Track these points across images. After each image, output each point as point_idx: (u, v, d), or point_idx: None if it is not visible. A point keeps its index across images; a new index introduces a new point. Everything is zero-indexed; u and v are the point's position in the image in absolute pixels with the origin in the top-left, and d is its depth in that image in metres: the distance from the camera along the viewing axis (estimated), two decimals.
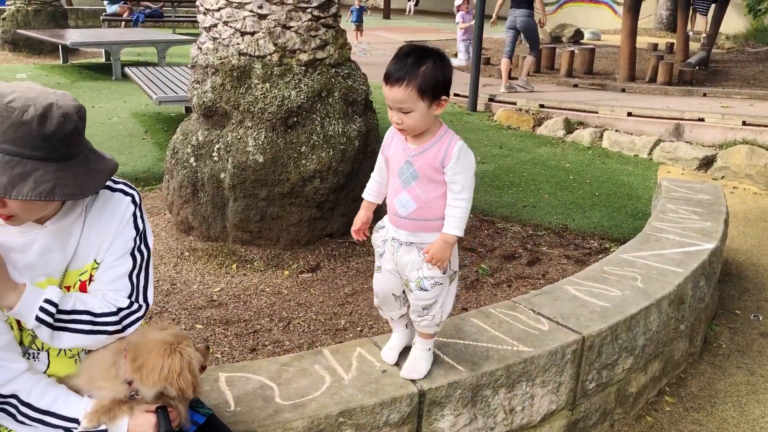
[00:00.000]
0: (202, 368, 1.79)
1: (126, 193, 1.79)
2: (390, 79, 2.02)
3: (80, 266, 1.74)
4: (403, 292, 2.29)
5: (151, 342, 1.70)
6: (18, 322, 1.67)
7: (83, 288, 1.74)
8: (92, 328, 1.67)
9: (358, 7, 16.37)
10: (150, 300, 1.82)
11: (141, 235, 1.79)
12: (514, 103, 9.02)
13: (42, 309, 1.58)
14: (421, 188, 2.12)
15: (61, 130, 1.52)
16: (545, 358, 2.53)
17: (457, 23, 13.28)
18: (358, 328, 3.34)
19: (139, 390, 1.68)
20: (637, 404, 3.13)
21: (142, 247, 1.80)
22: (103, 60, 13.05)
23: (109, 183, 1.77)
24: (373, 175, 2.32)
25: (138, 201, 1.80)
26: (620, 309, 2.88)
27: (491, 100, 9.35)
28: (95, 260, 1.74)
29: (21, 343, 1.72)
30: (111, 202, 1.76)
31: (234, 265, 3.95)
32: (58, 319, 1.62)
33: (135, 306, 1.76)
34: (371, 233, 2.35)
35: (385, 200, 2.30)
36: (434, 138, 2.10)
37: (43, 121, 1.50)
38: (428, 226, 2.14)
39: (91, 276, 1.74)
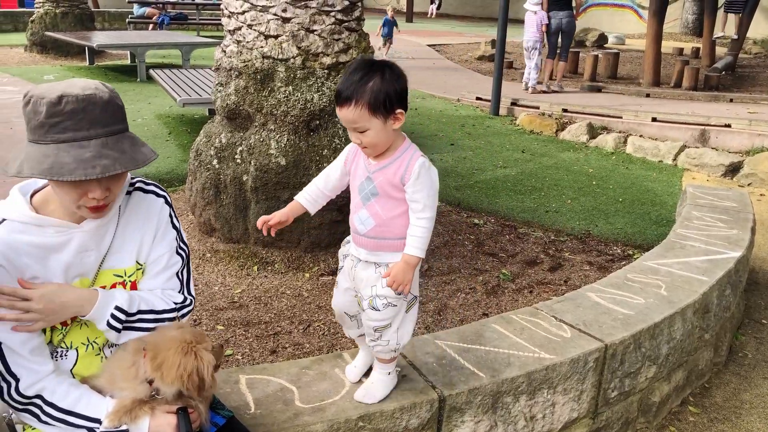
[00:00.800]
0: (216, 367, 1.80)
1: (158, 195, 1.86)
2: (339, 99, 1.92)
3: (116, 266, 1.77)
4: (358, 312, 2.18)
5: (170, 340, 1.71)
6: None
7: (134, 287, 1.81)
8: (155, 325, 1.78)
9: (391, 19, 14.60)
10: (193, 294, 1.94)
11: (179, 234, 1.89)
12: (537, 108, 8.97)
13: (113, 316, 1.69)
14: (380, 205, 2.02)
15: (108, 100, 1.59)
16: (567, 365, 2.50)
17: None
18: None
19: (160, 389, 1.69)
20: (660, 414, 3.09)
21: (183, 245, 1.90)
22: (128, 62, 13.21)
23: (140, 185, 1.84)
24: (316, 180, 2.19)
25: (170, 202, 1.89)
26: (644, 317, 2.84)
27: (514, 104, 9.31)
28: (138, 261, 1.80)
29: (50, 342, 1.74)
30: (145, 204, 1.82)
31: (255, 267, 3.97)
32: (126, 321, 1.72)
33: (187, 300, 1.88)
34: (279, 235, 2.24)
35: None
36: (395, 154, 1.99)
37: (94, 98, 1.56)
38: (387, 246, 2.04)
39: (143, 273, 1.82)
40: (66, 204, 1.64)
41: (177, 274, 1.87)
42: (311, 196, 2.19)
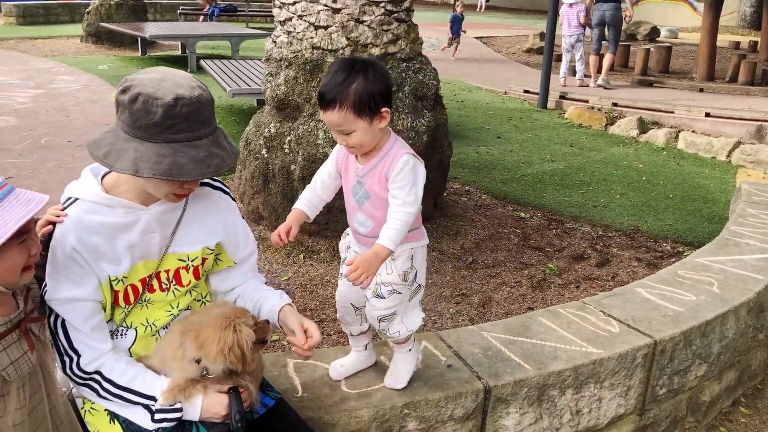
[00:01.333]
0: (263, 342, 1.84)
1: (225, 192, 1.96)
2: (323, 102, 1.87)
3: (180, 251, 1.84)
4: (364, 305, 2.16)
5: (210, 318, 1.76)
6: (112, 301, 1.77)
7: (196, 272, 1.89)
8: None
9: (459, 15, 13.62)
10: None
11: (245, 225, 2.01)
12: (586, 101, 8.83)
13: None
14: (374, 207, 2.00)
15: (210, 99, 1.69)
16: (615, 360, 2.47)
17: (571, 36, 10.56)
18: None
19: (207, 367, 1.73)
20: (710, 414, 3.03)
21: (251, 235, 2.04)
22: (179, 53, 13.45)
23: (208, 180, 1.91)
24: (311, 186, 2.15)
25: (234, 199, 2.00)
26: (695, 314, 2.78)
27: (562, 97, 9.18)
28: (207, 247, 1.89)
29: (111, 320, 1.80)
30: (213, 198, 1.91)
31: (301, 256, 4.02)
32: None
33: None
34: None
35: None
36: (380, 153, 1.94)
37: (194, 98, 1.63)
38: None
39: (204, 260, 1.89)
40: (155, 191, 1.71)
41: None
42: (311, 203, 2.13)
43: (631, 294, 2.96)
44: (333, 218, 4.08)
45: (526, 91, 9.89)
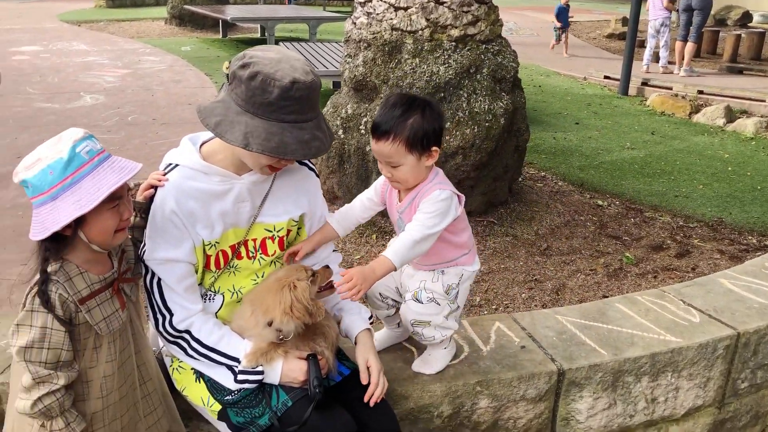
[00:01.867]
0: (328, 286, 1.92)
1: (310, 168, 2.05)
2: (376, 132, 1.89)
3: (268, 221, 1.92)
4: (395, 299, 2.19)
5: (269, 284, 1.85)
6: (204, 265, 1.86)
7: (281, 243, 1.96)
8: None
9: (565, 5, 12.45)
10: None
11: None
12: (670, 88, 8.52)
13: None
14: None
15: (319, 85, 1.75)
16: (694, 350, 2.41)
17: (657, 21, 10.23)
18: (494, 306, 3.33)
19: (281, 329, 1.80)
20: None
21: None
22: (258, 35, 13.73)
23: None
24: (349, 204, 2.16)
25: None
26: None
27: (644, 83, 8.89)
28: (292, 219, 1.97)
29: (201, 284, 1.89)
30: (300, 173, 2.01)
31: (374, 236, 4.06)
32: None
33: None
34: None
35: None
36: (416, 190, 1.96)
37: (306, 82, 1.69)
38: (438, 267, 2.06)
39: (289, 231, 1.98)
40: (252, 164, 1.79)
41: None
42: (346, 222, 2.13)
43: (713, 284, 2.87)
44: None
45: (606, 77, 9.63)
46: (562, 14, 12.46)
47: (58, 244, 1.56)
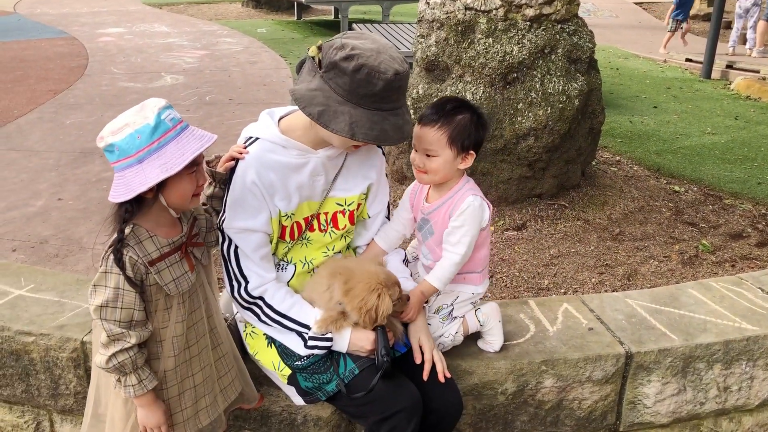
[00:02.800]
0: (398, 313, 1.95)
1: (379, 146, 2.08)
2: (424, 118, 1.97)
3: (340, 195, 1.99)
4: None
5: (366, 273, 1.86)
6: (279, 235, 1.93)
7: (351, 217, 2.03)
8: None
9: None
10: None
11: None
12: (757, 71, 8.13)
13: None
14: (436, 243, 2.05)
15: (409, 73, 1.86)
16: None
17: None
18: (562, 290, 3.30)
19: (346, 314, 1.84)
20: None
21: None
22: (331, 17, 13.84)
23: None
24: (391, 225, 2.19)
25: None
26: None
27: (729, 67, 8.52)
28: (362, 193, 2.05)
29: (274, 253, 1.97)
30: (370, 149, 2.05)
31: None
32: None
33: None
34: None
35: None
36: (449, 193, 2.02)
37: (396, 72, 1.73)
38: (453, 279, 2.07)
39: (359, 205, 2.06)
40: (338, 143, 1.85)
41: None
42: (391, 240, 2.17)
43: None
44: (475, 181, 4.10)
45: (688, 60, 9.26)
46: (679, 7, 10.31)
47: (136, 206, 1.66)
